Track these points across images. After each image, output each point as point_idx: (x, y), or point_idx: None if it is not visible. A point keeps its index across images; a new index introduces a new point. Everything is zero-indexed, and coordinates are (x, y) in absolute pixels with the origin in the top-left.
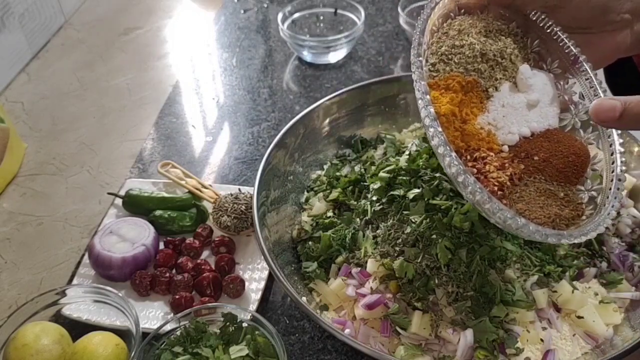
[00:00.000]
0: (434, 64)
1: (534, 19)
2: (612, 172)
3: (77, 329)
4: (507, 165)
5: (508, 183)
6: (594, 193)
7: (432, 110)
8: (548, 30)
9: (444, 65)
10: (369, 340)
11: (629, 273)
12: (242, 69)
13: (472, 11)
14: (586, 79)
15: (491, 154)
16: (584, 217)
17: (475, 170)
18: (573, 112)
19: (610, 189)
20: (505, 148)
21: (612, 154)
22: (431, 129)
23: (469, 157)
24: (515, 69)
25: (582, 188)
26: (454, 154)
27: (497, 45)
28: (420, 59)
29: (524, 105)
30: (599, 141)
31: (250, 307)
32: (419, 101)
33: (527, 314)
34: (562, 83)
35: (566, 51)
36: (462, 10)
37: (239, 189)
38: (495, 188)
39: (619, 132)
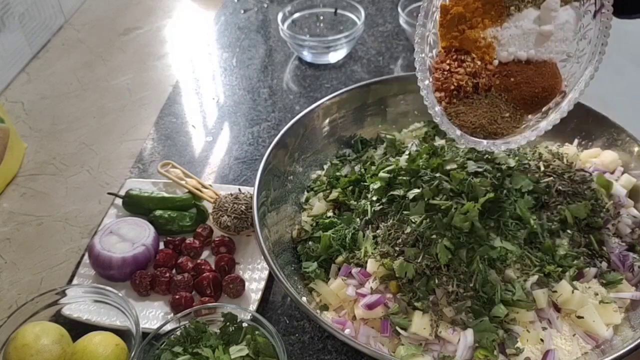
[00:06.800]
0: None
1: None
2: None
3: (77, 329)
4: (483, 75)
5: (469, 88)
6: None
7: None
8: None
9: None
10: (369, 340)
11: (629, 273)
12: (242, 69)
13: None
14: (601, 22)
15: (478, 62)
16: (509, 137)
17: (447, 67)
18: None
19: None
20: (496, 62)
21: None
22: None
23: (454, 56)
24: None
25: (531, 117)
26: (424, 56)
27: None
28: None
29: (535, 33)
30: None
31: (250, 307)
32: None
33: (527, 314)
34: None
35: None
36: None
37: (239, 189)
38: (452, 87)
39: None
